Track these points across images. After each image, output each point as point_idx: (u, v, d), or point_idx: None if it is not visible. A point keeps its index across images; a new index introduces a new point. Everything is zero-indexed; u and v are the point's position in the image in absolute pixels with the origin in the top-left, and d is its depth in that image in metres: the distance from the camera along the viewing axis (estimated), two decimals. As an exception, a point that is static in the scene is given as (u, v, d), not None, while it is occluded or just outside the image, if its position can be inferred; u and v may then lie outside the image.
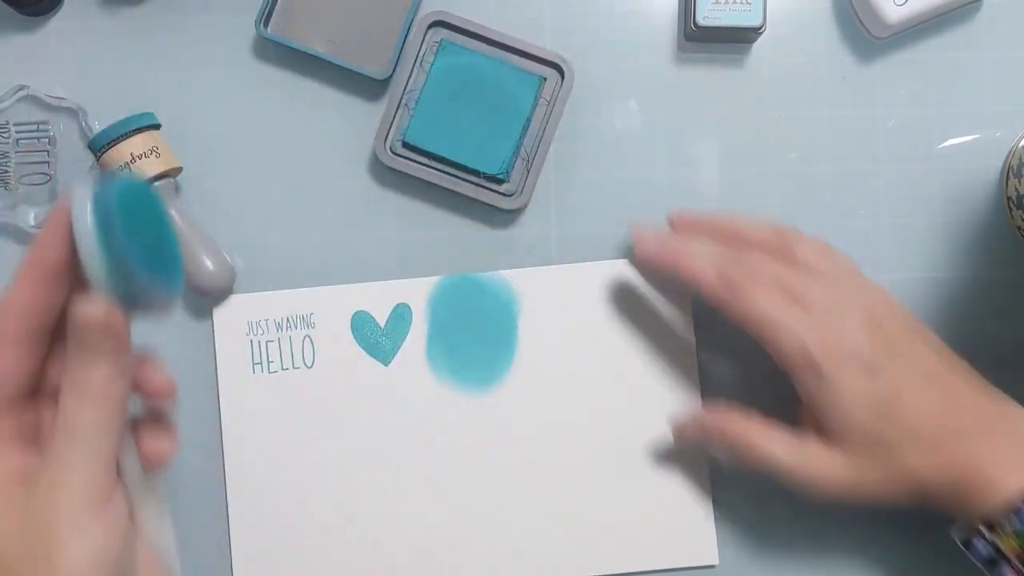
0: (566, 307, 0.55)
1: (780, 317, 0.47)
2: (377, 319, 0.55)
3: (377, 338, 0.55)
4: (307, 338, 0.55)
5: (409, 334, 0.55)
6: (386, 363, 0.55)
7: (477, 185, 0.55)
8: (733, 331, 0.49)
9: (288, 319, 0.55)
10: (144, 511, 0.36)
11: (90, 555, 0.32)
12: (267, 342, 0.55)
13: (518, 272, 0.55)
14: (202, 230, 0.54)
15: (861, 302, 0.48)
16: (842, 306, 0.48)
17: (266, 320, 0.55)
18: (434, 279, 0.55)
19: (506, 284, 0.55)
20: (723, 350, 0.55)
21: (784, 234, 0.51)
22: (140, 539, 0.35)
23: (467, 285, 0.56)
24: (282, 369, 0.55)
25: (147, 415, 0.38)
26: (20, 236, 0.56)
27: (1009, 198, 0.55)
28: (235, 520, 0.54)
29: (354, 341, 0.55)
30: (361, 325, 0.55)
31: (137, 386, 0.36)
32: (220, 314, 0.55)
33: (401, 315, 0.55)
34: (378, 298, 0.55)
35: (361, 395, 0.55)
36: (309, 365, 0.55)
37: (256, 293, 0.55)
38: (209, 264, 0.53)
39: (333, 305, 0.55)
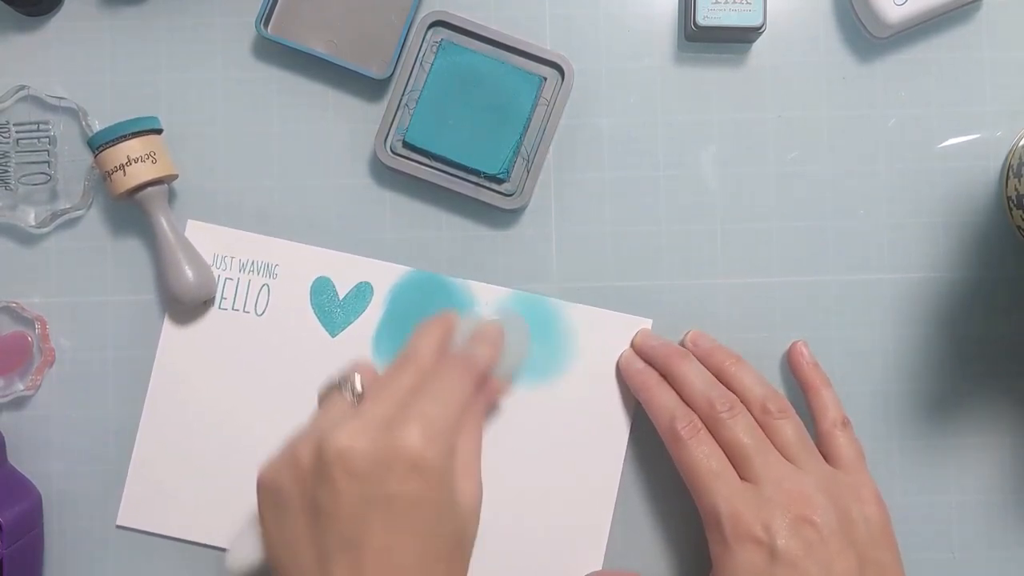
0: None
1: (707, 477, 0.49)
2: (338, 289, 0.56)
3: (332, 307, 0.55)
4: (265, 286, 0.56)
5: (364, 313, 0.56)
6: (333, 334, 0.55)
7: (477, 185, 0.55)
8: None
9: (253, 263, 0.56)
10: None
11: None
12: (227, 278, 0.56)
13: (489, 288, 0.55)
14: (186, 240, 0.55)
15: (807, 498, 0.48)
16: (784, 493, 0.48)
17: (232, 257, 0.56)
18: (404, 269, 0.56)
19: (470, 295, 0.55)
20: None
21: (770, 411, 0.51)
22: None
23: (433, 284, 0.56)
24: (232, 309, 0.56)
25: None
26: (20, 236, 0.56)
27: (1009, 198, 0.55)
28: (142, 435, 0.55)
29: (309, 303, 0.56)
30: (320, 290, 0.56)
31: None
32: (190, 236, 0.55)
33: (362, 293, 0.56)
34: (345, 270, 0.56)
35: (299, 356, 0.55)
36: (260, 313, 0.56)
37: (231, 229, 0.56)
38: (190, 274, 0.53)
39: (299, 262, 0.56)
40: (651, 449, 0.55)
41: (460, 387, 0.45)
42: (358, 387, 0.46)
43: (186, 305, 0.54)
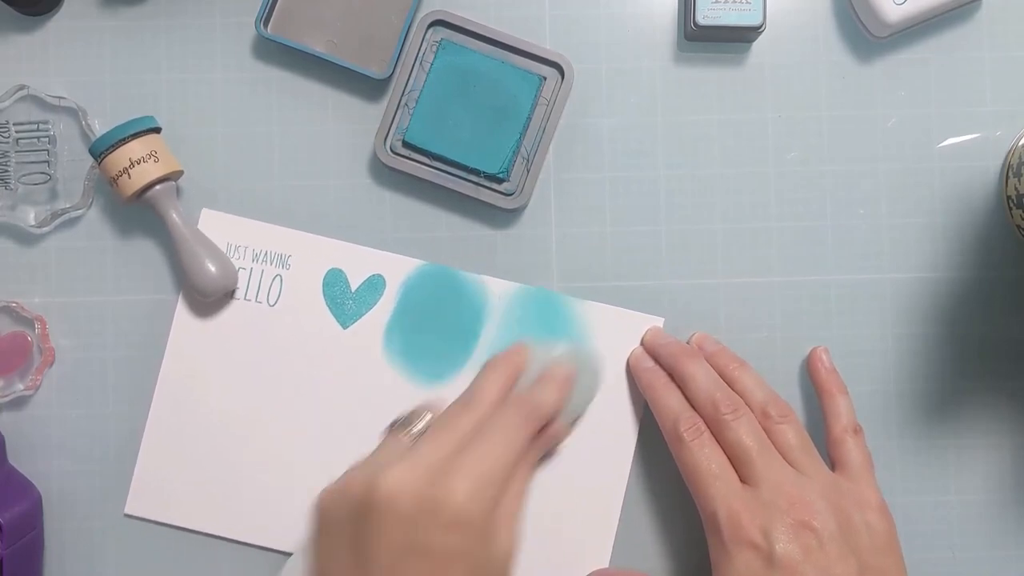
0: (534, 329, 0.55)
1: (707, 479, 0.49)
2: (350, 281, 0.56)
3: (344, 299, 0.56)
4: (278, 277, 0.56)
5: (376, 306, 0.56)
6: (344, 326, 0.56)
7: (477, 185, 0.55)
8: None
9: (266, 253, 0.56)
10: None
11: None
12: (239, 268, 0.56)
13: (501, 282, 0.56)
14: (201, 233, 0.55)
15: (807, 503, 0.48)
16: (784, 497, 0.48)
17: (245, 247, 0.56)
18: (416, 262, 0.56)
19: (483, 288, 0.56)
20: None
21: (771, 415, 0.51)
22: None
23: (445, 278, 0.56)
24: (244, 299, 0.56)
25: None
26: (20, 236, 0.56)
27: (1009, 197, 0.55)
28: (152, 423, 0.55)
29: (321, 295, 0.56)
30: (333, 282, 0.56)
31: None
32: (204, 225, 0.56)
33: (374, 285, 0.56)
34: (358, 262, 0.56)
35: (310, 347, 0.55)
36: (272, 303, 0.56)
37: (245, 218, 0.56)
38: (212, 267, 0.53)
39: (313, 254, 0.56)
40: (660, 448, 0.55)
41: (517, 437, 0.45)
42: (418, 428, 0.47)
43: (210, 298, 0.54)
